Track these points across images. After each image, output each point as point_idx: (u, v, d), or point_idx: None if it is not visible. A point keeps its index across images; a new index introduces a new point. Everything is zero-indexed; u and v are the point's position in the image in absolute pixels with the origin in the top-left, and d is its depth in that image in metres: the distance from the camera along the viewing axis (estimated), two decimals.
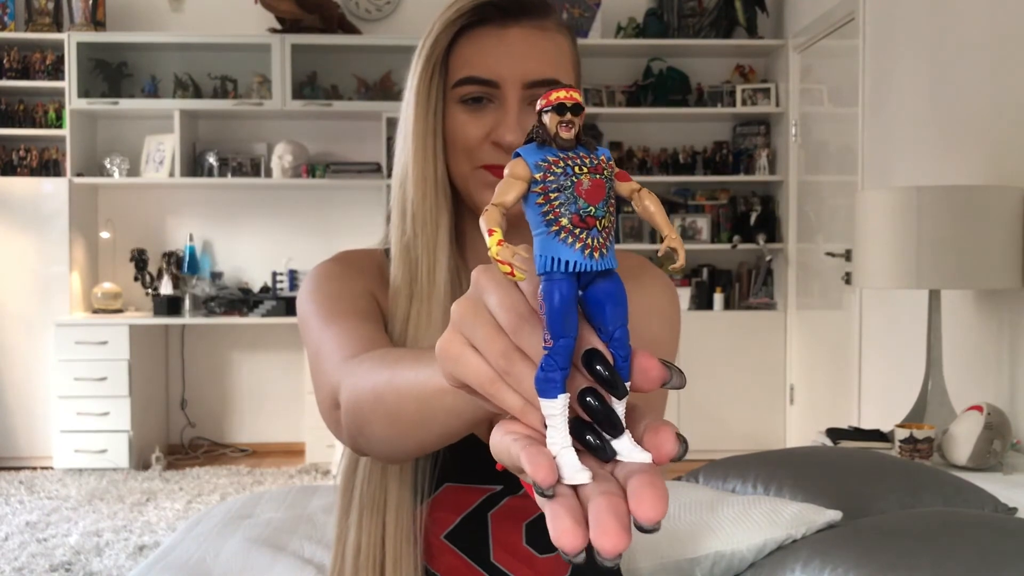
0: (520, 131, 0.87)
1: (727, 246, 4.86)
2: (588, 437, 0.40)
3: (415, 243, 0.90)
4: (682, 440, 0.41)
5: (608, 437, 0.41)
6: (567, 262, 0.42)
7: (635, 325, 0.72)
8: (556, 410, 0.41)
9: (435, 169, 0.89)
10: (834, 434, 2.64)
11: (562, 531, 0.37)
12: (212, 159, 4.86)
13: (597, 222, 0.42)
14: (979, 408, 2.24)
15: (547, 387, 0.41)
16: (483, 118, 0.88)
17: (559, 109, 0.42)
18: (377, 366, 0.69)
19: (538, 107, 0.43)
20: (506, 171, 0.43)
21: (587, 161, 0.43)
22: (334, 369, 0.78)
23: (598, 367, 0.40)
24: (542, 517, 0.92)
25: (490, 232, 0.41)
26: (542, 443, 0.40)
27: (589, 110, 4.83)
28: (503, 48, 0.87)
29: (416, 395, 0.60)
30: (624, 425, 0.41)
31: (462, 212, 0.95)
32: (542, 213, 0.43)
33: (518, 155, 0.43)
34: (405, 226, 0.90)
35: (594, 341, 0.41)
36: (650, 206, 0.45)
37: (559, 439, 0.41)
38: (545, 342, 0.41)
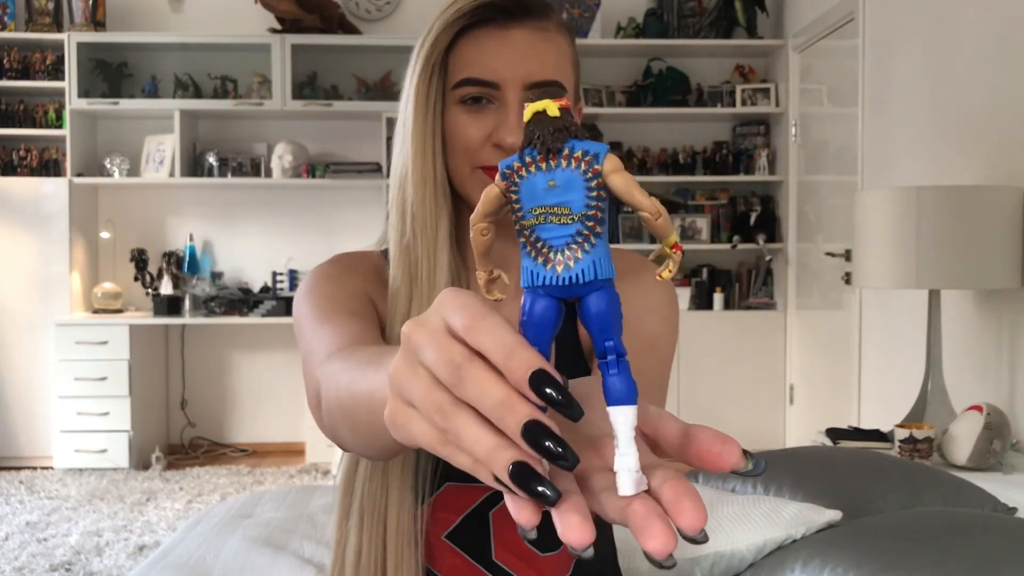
0: (521, 133, 0.86)
1: (727, 246, 4.86)
2: (534, 485, 0.37)
3: (415, 244, 0.89)
4: (750, 456, 0.40)
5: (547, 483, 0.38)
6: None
7: (633, 324, 0.74)
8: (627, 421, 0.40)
9: (435, 170, 0.89)
10: (834, 434, 2.64)
11: (569, 527, 0.37)
12: (212, 159, 4.87)
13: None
14: (979, 408, 2.24)
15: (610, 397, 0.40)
16: (483, 119, 0.88)
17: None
18: (341, 370, 0.68)
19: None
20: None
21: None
22: (317, 368, 0.78)
23: (548, 390, 0.37)
24: (545, 514, 0.92)
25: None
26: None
27: (589, 110, 4.84)
28: (505, 49, 0.87)
29: (368, 406, 0.58)
30: (576, 458, 0.37)
31: (461, 212, 0.94)
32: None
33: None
34: (405, 227, 0.90)
35: (540, 362, 0.38)
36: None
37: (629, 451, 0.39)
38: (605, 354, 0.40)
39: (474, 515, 0.92)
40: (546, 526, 0.95)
